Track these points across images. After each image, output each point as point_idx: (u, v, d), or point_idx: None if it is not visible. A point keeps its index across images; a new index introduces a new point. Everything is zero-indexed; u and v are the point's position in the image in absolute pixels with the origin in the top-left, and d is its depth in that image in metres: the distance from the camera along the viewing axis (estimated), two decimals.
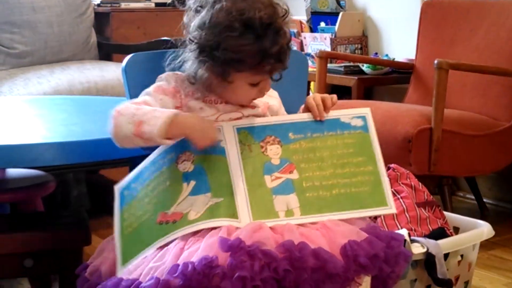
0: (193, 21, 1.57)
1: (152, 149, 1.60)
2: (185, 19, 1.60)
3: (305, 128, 1.60)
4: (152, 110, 1.53)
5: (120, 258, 1.53)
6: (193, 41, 1.55)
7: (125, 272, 1.47)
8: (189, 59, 1.59)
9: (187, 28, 1.59)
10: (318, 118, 1.60)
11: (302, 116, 1.62)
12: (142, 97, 1.60)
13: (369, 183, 1.55)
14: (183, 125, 1.52)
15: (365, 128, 1.60)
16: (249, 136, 1.57)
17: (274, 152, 1.56)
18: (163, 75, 1.64)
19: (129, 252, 1.52)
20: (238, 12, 1.50)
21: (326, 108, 1.61)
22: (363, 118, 1.62)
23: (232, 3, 1.52)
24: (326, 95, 1.63)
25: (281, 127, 1.59)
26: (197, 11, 1.57)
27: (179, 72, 1.64)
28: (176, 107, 1.59)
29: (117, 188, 1.65)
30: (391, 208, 1.54)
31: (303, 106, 1.65)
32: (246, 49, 1.50)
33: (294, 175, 1.54)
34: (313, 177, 1.54)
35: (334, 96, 1.63)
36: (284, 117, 1.65)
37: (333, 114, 1.62)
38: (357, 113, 1.62)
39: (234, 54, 1.51)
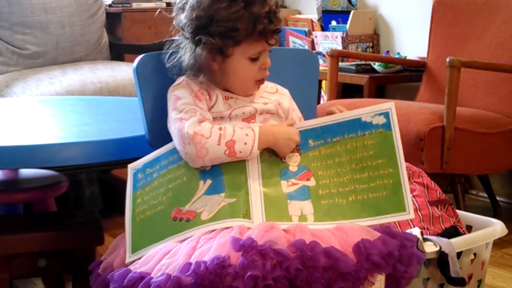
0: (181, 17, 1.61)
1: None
2: (174, 22, 1.64)
3: (325, 132, 1.59)
4: (235, 128, 1.54)
5: (130, 246, 1.54)
6: (184, 29, 1.59)
7: (134, 265, 1.48)
8: (186, 51, 1.61)
9: (178, 27, 1.63)
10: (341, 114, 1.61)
11: (323, 120, 1.61)
12: (190, 111, 1.57)
13: (388, 187, 1.52)
14: (270, 134, 1.56)
15: (387, 126, 1.56)
16: None
17: (293, 159, 1.57)
18: (181, 82, 1.63)
19: (140, 241, 1.53)
20: None
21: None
22: (386, 114, 1.57)
23: None
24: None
25: (302, 134, 1.59)
26: (183, 8, 1.61)
27: (182, 77, 1.65)
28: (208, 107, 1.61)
29: (131, 168, 1.66)
30: (409, 213, 1.49)
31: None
32: (238, 15, 1.55)
33: (311, 182, 1.53)
34: (330, 184, 1.53)
35: None
36: (306, 123, 1.63)
37: (354, 113, 1.59)
38: (379, 109, 1.58)
39: (228, 23, 1.55)
